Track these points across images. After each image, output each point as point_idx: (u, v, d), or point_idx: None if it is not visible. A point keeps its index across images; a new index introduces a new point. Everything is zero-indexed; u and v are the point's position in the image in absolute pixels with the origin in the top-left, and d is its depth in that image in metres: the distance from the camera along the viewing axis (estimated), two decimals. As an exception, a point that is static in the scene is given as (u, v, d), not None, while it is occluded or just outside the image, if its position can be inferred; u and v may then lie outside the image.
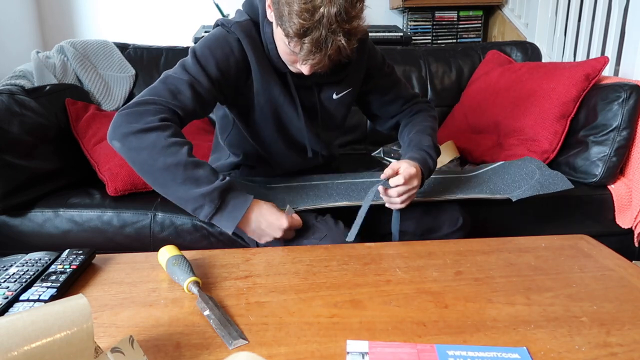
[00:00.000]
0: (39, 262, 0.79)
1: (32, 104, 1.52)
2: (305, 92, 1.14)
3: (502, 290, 0.74)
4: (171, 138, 0.92)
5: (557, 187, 1.14)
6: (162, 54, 2.05)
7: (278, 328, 0.65)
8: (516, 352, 0.60)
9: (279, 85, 1.09)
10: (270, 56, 1.06)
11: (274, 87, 1.09)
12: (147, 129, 0.92)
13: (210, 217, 0.93)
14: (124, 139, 0.93)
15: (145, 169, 0.93)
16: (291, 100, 1.12)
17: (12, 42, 2.44)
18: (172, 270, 0.76)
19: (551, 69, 1.67)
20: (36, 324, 0.46)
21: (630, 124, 1.44)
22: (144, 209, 1.40)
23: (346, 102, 1.19)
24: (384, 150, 1.87)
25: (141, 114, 0.94)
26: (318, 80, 1.11)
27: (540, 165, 1.24)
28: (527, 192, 1.12)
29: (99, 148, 1.58)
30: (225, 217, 0.94)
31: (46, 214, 1.40)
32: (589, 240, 0.94)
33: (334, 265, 0.83)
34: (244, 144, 1.22)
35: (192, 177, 0.92)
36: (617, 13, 2.00)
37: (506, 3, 3.03)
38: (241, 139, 1.21)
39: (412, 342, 0.62)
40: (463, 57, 2.08)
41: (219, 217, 0.94)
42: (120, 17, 2.82)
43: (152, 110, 0.95)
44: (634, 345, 0.61)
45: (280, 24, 0.92)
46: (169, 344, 0.61)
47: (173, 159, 0.91)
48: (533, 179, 1.18)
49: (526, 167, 1.25)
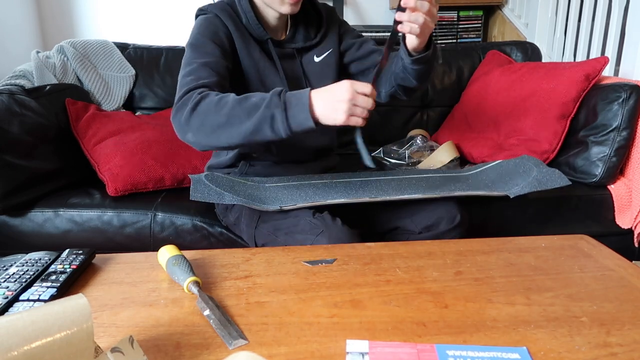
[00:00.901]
0: (39, 262, 0.79)
1: (32, 104, 1.52)
2: (288, 61, 1.22)
3: (502, 290, 0.74)
4: (215, 96, 0.99)
5: (554, 184, 1.15)
6: (162, 54, 2.05)
7: (278, 328, 0.65)
8: (516, 352, 0.60)
9: (258, 51, 1.18)
10: (250, 25, 1.16)
11: (255, 53, 1.17)
12: (194, 104, 0.99)
13: (287, 121, 0.94)
14: (187, 125, 0.99)
15: (219, 130, 0.98)
16: (273, 67, 1.19)
17: (12, 42, 2.44)
18: (172, 270, 0.76)
19: (551, 69, 1.67)
20: (36, 324, 0.46)
21: (630, 124, 1.44)
22: (144, 209, 1.40)
23: (330, 64, 1.27)
24: (384, 150, 1.87)
25: (184, 102, 1.01)
26: (297, 46, 1.22)
27: (537, 162, 1.25)
28: (525, 189, 1.12)
29: (99, 148, 1.58)
30: (296, 111, 0.94)
31: (46, 214, 1.40)
32: (589, 240, 0.94)
33: (334, 265, 0.83)
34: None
35: (250, 106, 0.96)
36: (617, 13, 2.00)
37: (506, 3, 3.03)
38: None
39: (412, 342, 0.62)
40: (463, 57, 2.09)
41: (291, 115, 0.94)
42: (120, 17, 2.82)
43: (190, 96, 1.01)
44: (634, 345, 0.61)
45: None
46: (169, 344, 0.61)
47: (228, 106, 0.97)
48: (531, 176, 1.19)
49: (524, 165, 1.26)
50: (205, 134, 0.99)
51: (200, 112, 0.98)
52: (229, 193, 1.09)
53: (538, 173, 1.19)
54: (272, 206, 1.06)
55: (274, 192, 1.14)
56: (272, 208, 1.05)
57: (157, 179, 1.50)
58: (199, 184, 1.13)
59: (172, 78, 2.02)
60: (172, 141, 1.61)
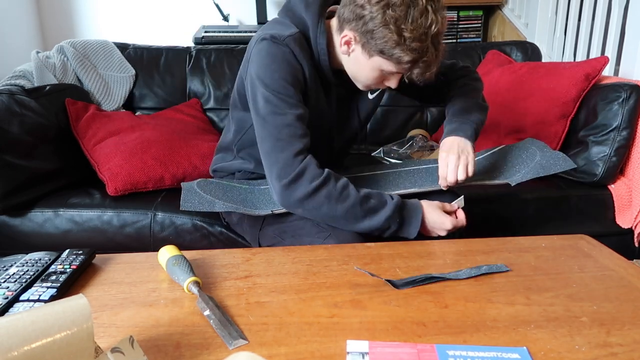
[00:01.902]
0: (39, 262, 0.79)
1: (32, 104, 1.52)
2: (343, 95, 1.18)
3: (502, 290, 0.74)
4: (335, 185, 0.99)
5: (558, 168, 1.11)
6: (162, 54, 2.05)
7: (278, 328, 0.65)
8: (516, 352, 0.60)
9: (323, 94, 1.12)
10: (321, 67, 1.08)
11: (319, 92, 1.11)
12: (313, 189, 0.98)
13: (397, 232, 1.01)
14: (302, 205, 0.99)
15: (330, 219, 1.01)
16: (328, 102, 1.15)
17: (12, 42, 2.43)
18: (172, 270, 0.76)
19: (551, 69, 1.67)
20: (36, 324, 0.46)
21: (630, 124, 1.44)
22: (144, 209, 1.40)
23: (380, 97, 1.25)
24: (384, 150, 1.87)
25: (296, 177, 0.98)
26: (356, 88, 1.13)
27: (541, 146, 1.21)
28: (527, 175, 1.09)
29: (99, 148, 1.58)
30: (408, 228, 1.01)
31: (46, 214, 1.40)
32: (589, 240, 0.94)
33: (334, 265, 0.83)
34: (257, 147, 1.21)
35: (369, 209, 0.99)
36: (617, 13, 2.00)
37: (506, 3, 3.02)
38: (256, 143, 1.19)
39: (412, 342, 0.62)
40: (463, 57, 2.08)
41: (404, 230, 1.01)
42: (120, 17, 2.82)
43: (300, 169, 0.98)
44: (634, 345, 0.61)
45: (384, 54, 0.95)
46: (169, 344, 0.61)
47: (348, 203, 0.98)
48: (533, 161, 1.15)
49: (527, 150, 1.22)
50: (316, 216, 1.01)
51: (319, 199, 0.98)
52: (220, 200, 1.09)
53: (541, 157, 1.15)
54: (264, 211, 1.05)
55: (268, 194, 1.14)
56: (264, 213, 1.05)
57: (157, 179, 1.50)
58: (190, 193, 1.13)
59: (172, 78, 2.02)
60: (172, 141, 1.61)
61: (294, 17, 1.08)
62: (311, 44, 1.06)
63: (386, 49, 0.94)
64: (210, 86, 2.02)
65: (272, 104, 1.00)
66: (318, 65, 1.08)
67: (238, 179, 1.26)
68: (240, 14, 2.85)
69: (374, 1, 0.92)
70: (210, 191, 1.15)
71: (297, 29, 1.05)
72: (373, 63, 0.99)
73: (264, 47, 1.03)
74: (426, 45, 0.93)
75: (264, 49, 1.03)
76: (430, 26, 0.91)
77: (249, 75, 1.05)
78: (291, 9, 1.09)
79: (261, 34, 1.05)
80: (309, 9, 1.06)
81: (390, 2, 0.91)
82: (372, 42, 0.95)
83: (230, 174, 1.29)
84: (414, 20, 0.91)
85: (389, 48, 0.94)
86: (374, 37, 0.94)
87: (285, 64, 1.02)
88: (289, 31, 1.04)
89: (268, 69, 1.01)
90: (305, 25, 1.06)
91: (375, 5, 0.92)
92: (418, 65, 0.95)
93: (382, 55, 0.96)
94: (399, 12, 0.91)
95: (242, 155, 1.25)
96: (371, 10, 0.93)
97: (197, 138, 1.72)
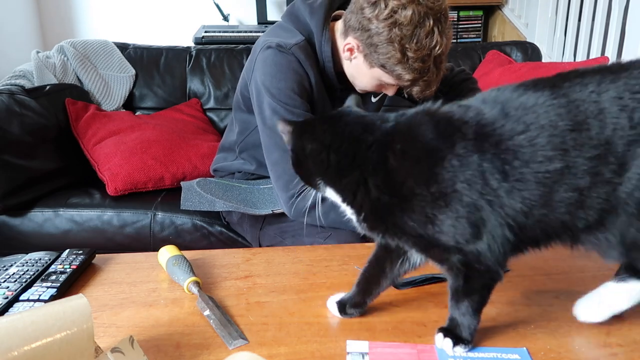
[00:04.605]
0: (39, 262, 0.79)
1: (32, 104, 1.52)
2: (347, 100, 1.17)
3: (502, 291, 0.74)
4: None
5: None
6: (162, 54, 2.05)
7: (278, 328, 0.65)
8: (516, 352, 0.60)
9: (329, 99, 1.11)
10: (326, 73, 1.08)
11: (324, 96, 1.10)
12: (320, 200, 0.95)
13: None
14: (309, 214, 0.97)
15: (339, 224, 0.99)
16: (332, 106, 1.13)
17: (12, 42, 2.43)
18: (172, 270, 0.76)
19: (551, 69, 1.67)
20: (36, 324, 0.46)
21: (630, 124, 1.44)
22: (144, 209, 1.40)
23: (382, 100, 1.23)
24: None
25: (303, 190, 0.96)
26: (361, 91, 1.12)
27: None
28: None
29: (99, 148, 1.58)
30: None
31: (46, 214, 1.40)
32: (589, 241, 0.94)
33: (334, 265, 0.83)
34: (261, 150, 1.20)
35: None
36: (617, 13, 2.00)
37: (506, 3, 3.02)
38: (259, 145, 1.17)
39: (412, 342, 0.62)
40: (463, 57, 2.08)
41: None
42: (120, 17, 2.82)
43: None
44: (634, 345, 0.61)
45: (386, 68, 0.95)
46: (169, 344, 0.61)
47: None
48: None
49: None
50: (323, 223, 0.99)
51: (325, 208, 0.97)
52: (220, 200, 1.09)
53: None
54: (264, 210, 1.05)
55: (268, 194, 1.14)
56: (264, 212, 1.05)
57: (156, 179, 1.50)
58: (190, 192, 1.13)
59: (172, 78, 2.02)
60: (172, 141, 1.61)
61: (299, 23, 1.07)
62: (316, 51, 1.06)
63: (388, 64, 0.94)
64: (210, 86, 2.02)
65: (279, 114, 1.00)
66: (323, 72, 1.08)
67: (237, 179, 1.26)
68: (241, 14, 2.85)
69: (382, 17, 0.91)
70: (211, 190, 1.15)
71: (302, 36, 1.05)
72: (373, 73, 0.99)
73: (269, 56, 1.02)
74: (428, 65, 0.93)
75: (269, 58, 1.02)
76: (434, 47, 0.91)
77: (253, 82, 1.05)
78: (295, 15, 1.08)
79: (266, 40, 1.04)
80: (314, 16, 1.05)
81: (398, 21, 0.90)
82: (375, 55, 0.95)
83: (230, 173, 1.29)
84: (419, 40, 0.91)
85: (391, 64, 0.94)
86: (378, 51, 0.94)
87: (291, 73, 1.02)
88: (295, 39, 1.04)
89: (274, 78, 1.01)
90: (310, 32, 1.06)
91: (382, 22, 0.92)
92: (418, 83, 0.95)
93: (384, 69, 0.96)
94: (405, 32, 0.90)
95: (244, 156, 1.25)
96: (378, 26, 0.92)
97: (197, 138, 1.72)
